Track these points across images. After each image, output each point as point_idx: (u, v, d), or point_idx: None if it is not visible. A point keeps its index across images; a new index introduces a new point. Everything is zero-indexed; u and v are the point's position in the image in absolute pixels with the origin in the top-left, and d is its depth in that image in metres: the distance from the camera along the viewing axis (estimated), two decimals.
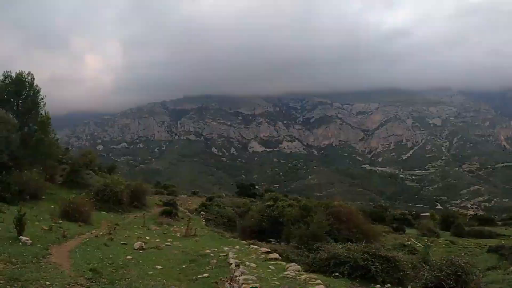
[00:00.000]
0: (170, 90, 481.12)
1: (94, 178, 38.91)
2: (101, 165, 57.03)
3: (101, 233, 19.94)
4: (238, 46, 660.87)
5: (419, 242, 39.70)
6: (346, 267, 12.53)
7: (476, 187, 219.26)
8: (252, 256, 15.90)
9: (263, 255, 15.66)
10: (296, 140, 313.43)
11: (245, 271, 11.23)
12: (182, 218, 32.84)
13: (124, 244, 17.75)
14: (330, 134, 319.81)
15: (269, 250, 16.62)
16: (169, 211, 31.66)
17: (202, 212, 39.15)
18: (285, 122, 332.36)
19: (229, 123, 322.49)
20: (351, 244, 15.05)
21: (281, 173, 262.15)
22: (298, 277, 10.73)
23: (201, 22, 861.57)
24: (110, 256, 14.43)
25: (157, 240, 20.58)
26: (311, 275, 10.92)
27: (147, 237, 21.07)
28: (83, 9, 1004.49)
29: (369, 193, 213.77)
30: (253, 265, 12.96)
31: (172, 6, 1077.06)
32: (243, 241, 22.00)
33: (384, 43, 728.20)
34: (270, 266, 13.00)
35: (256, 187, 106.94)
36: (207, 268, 13.49)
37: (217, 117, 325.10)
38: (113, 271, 12.56)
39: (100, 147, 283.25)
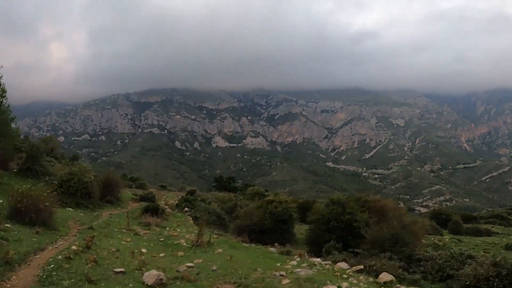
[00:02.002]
0: (135, 82, 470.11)
1: (56, 167, 32.08)
2: (63, 155, 49.84)
3: (74, 247, 12.32)
4: (206, 41, 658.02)
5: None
6: None
7: (437, 186, 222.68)
8: (354, 281, 10.15)
9: (361, 277, 10.01)
10: (260, 136, 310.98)
11: None
12: (169, 216, 26.59)
13: (121, 272, 10.34)
14: (294, 131, 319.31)
15: (361, 267, 10.84)
16: (155, 208, 25.14)
17: (186, 209, 32.99)
18: (249, 117, 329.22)
19: (193, 117, 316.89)
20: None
21: (244, 169, 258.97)
22: None
23: (170, 15, 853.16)
24: None
25: (161, 255, 13.37)
26: None
27: (143, 250, 13.93)
28: None
29: (332, 190, 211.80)
30: None
31: None
32: (273, 249, 16.08)
33: (352, 44, 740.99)
34: None
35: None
36: None
37: (181, 111, 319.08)
38: None
39: (62, 138, 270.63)
